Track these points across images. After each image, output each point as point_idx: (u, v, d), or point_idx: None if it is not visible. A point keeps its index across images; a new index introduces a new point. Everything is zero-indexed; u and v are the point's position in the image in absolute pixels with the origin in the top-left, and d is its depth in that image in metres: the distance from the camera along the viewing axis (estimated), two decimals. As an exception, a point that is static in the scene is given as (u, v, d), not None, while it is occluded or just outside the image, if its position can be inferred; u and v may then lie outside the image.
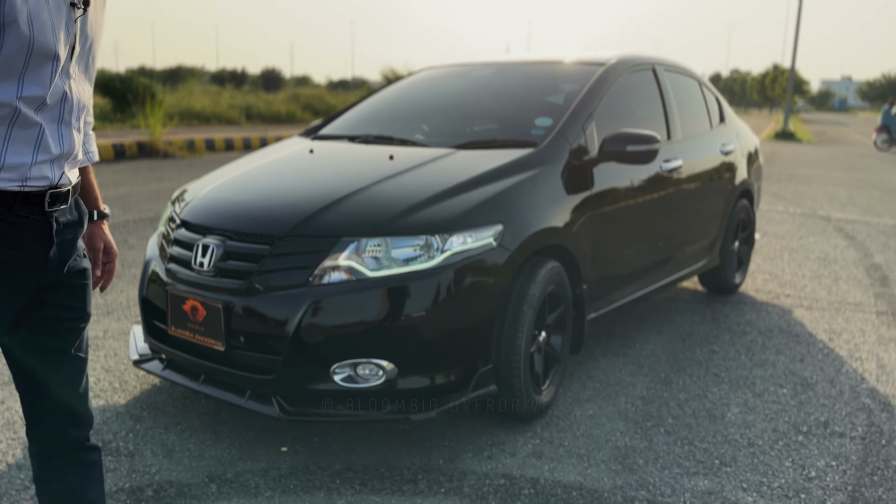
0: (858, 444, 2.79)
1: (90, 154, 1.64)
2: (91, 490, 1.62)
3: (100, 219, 1.71)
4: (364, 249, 2.46)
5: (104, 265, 1.76)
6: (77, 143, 1.43)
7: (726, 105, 4.92)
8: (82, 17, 1.38)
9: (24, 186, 1.33)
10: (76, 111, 1.40)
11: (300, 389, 2.44)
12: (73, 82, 1.38)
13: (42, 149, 1.34)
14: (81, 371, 1.58)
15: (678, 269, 4.05)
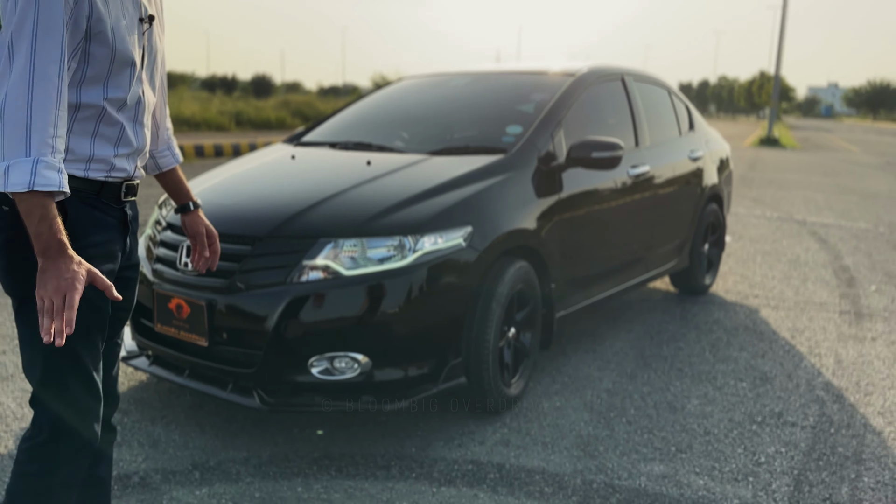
0: (808, 432, 2.96)
1: (176, 156, 1.91)
2: (102, 467, 1.81)
3: (195, 208, 1.94)
4: (341, 250, 2.61)
5: (210, 247, 1.97)
6: (148, 140, 1.68)
7: (696, 113, 5.11)
8: (148, 31, 1.62)
9: (109, 177, 1.58)
10: (147, 112, 1.65)
11: (279, 382, 2.58)
12: (144, 87, 1.62)
13: (123, 144, 1.58)
14: (117, 356, 1.79)
15: (647, 269, 4.22)
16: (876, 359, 3.83)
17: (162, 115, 1.83)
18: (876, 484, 2.56)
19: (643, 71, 4.57)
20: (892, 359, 3.84)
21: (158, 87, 1.72)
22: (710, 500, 2.42)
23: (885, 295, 5.13)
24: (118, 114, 1.55)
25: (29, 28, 1.36)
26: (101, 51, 1.47)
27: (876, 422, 3.07)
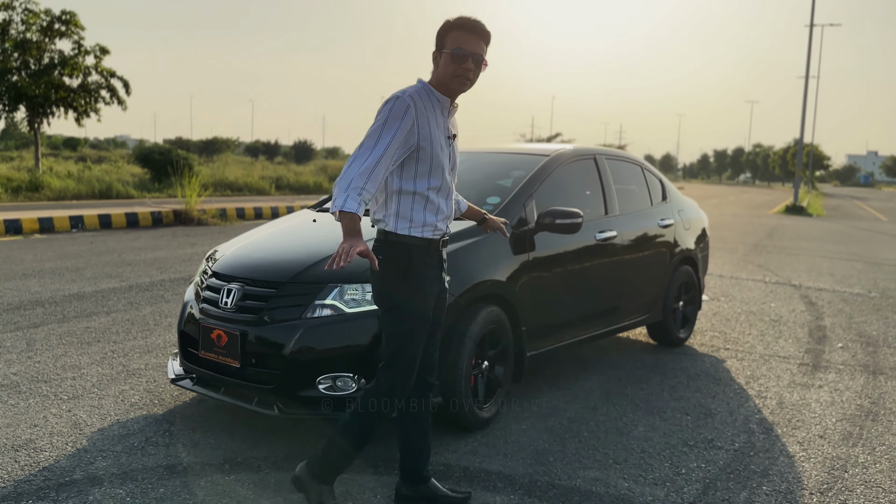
0: (730, 454, 3.55)
1: (461, 204, 3.13)
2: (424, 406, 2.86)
3: (485, 220, 3.20)
4: (345, 293, 3.35)
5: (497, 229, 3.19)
6: (453, 209, 2.76)
7: (670, 186, 5.81)
8: (454, 144, 2.71)
9: (434, 234, 2.66)
10: (452, 192, 2.73)
11: (294, 396, 3.30)
12: (452, 177, 2.71)
13: (440, 213, 2.67)
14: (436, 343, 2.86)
15: (617, 320, 4.88)
16: (815, 402, 4.39)
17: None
18: (771, 491, 3.15)
19: (617, 151, 5.33)
20: (829, 402, 4.40)
21: (454, 174, 2.75)
22: (629, 498, 3.03)
23: (847, 351, 5.67)
24: (436, 195, 2.64)
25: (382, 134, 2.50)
26: (425, 159, 2.58)
27: (793, 448, 3.65)
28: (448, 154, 2.67)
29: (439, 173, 2.61)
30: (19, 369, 4.41)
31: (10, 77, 19.78)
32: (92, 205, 14.85)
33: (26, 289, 6.80)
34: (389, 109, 2.52)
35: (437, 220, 2.65)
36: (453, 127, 2.72)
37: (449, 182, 2.68)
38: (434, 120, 2.59)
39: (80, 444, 3.36)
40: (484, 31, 2.60)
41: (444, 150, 2.62)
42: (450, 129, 2.68)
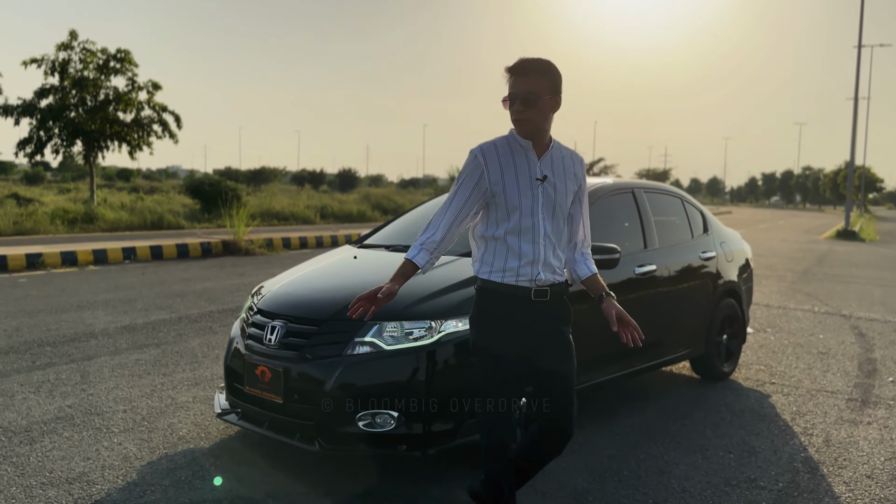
0: (774, 494, 3.49)
1: (590, 267, 2.84)
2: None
3: (607, 297, 2.77)
4: (384, 330, 3.43)
5: (626, 326, 2.73)
6: (543, 254, 2.61)
7: (712, 218, 5.78)
8: (542, 186, 2.61)
9: (517, 281, 2.60)
10: (540, 235, 2.60)
11: (334, 432, 3.37)
12: (538, 219, 2.60)
13: (522, 257, 2.59)
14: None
15: (659, 355, 4.84)
16: (863, 440, 4.29)
17: (572, 236, 2.79)
18: (816, 534, 3.08)
19: (656, 184, 5.33)
20: (878, 440, 4.28)
21: (557, 218, 2.64)
22: (669, 539, 3.01)
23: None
24: (516, 239, 2.59)
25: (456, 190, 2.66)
26: (500, 204, 2.60)
27: (838, 489, 3.56)
28: (533, 195, 2.59)
29: (516, 216, 2.59)
30: (74, 402, 4.58)
31: (69, 113, 20.64)
32: (144, 236, 15.33)
33: (81, 321, 7.06)
34: (464, 165, 2.68)
35: (520, 264, 2.58)
36: (547, 168, 2.62)
37: (532, 224, 2.59)
38: (511, 165, 2.61)
39: (130, 478, 3.48)
40: (530, 68, 2.55)
41: (524, 192, 2.59)
42: (539, 170, 2.61)
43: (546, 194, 2.61)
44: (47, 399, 4.62)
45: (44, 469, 3.55)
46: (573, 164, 2.70)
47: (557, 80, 2.60)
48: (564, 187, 2.65)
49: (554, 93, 2.59)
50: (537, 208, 2.60)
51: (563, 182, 2.65)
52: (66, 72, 20.66)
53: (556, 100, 2.61)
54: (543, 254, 2.60)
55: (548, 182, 2.62)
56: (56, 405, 4.51)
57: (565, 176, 2.66)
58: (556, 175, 2.64)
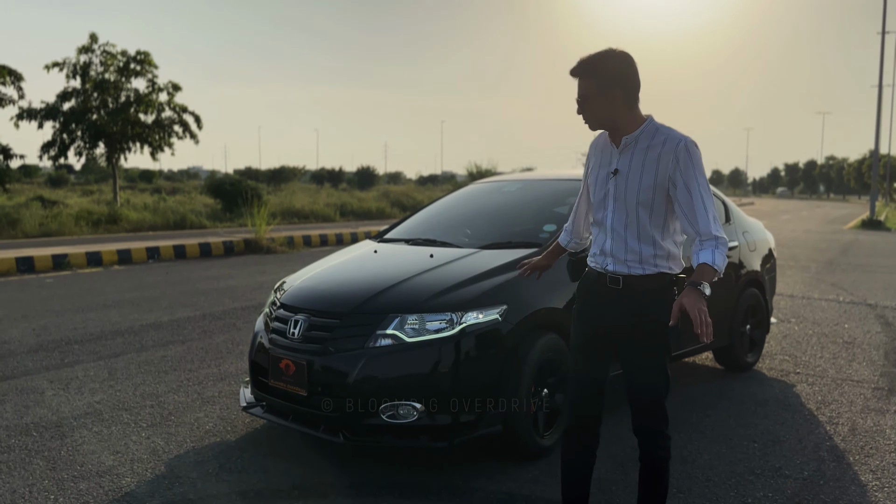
0: (799, 483, 3.47)
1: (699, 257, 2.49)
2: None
3: (687, 286, 2.44)
4: (405, 322, 3.45)
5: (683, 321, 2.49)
6: (618, 247, 2.63)
7: (734, 207, 5.73)
8: (614, 179, 2.62)
9: (594, 265, 2.72)
10: (611, 229, 2.64)
11: (358, 423, 3.40)
12: (607, 213, 2.65)
13: (596, 245, 2.72)
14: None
15: (681, 346, 4.82)
16: (889, 428, 4.24)
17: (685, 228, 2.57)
18: (843, 522, 3.06)
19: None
20: (906, 428, 4.23)
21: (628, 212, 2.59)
22: (693, 527, 3.00)
23: (927, 374, 5.43)
24: (597, 230, 2.73)
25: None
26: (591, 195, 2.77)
27: (865, 477, 3.53)
28: (605, 189, 2.64)
29: (598, 207, 2.71)
30: (102, 398, 4.66)
31: (91, 116, 20.92)
32: (167, 235, 15.51)
33: (107, 319, 7.17)
34: None
35: (597, 252, 2.70)
36: (625, 161, 2.59)
37: (602, 217, 2.67)
38: (599, 159, 2.70)
39: (158, 471, 3.54)
40: (577, 70, 2.57)
41: (601, 185, 2.66)
42: (615, 163, 2.62)
43: (617, 188, 2.59)
44: (76, 395, 4.71)
45: (75, 463, 3.62)
46: (660, 154, 2.53)
47: (609, 73, 2.52)
48: (638, 180, 2.55)
49: (606, 89, 2.52)
50: (608, 202, 2.63)
51: (639, 175, 2.55)
52: (87, 75, 20.94)
53: (614, 93, 2.53)
54: (611, 246, 2.63)
55: (619, 175, 2.59)
56: (85, 401, 4.59)
57: (643, 168, 2.54)
58: (632, 168, 2.56)
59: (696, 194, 2.50)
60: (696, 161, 2.52)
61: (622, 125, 2.57)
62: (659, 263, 2.60)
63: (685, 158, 2.50)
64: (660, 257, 2.59)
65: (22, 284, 9.59)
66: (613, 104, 2.53)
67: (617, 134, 2.60)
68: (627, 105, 2.55)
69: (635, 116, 2.58)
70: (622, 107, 2.54)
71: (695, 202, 2.50)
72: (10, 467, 3.56)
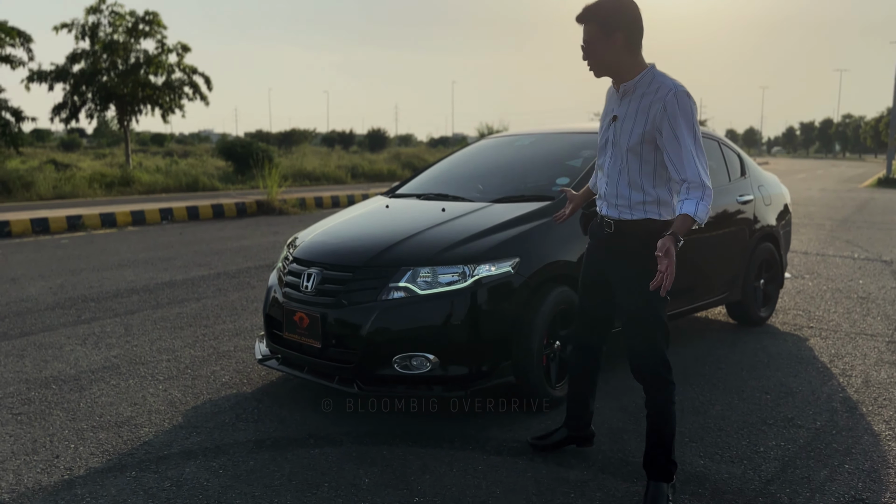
0: (811, 432, 3.48)
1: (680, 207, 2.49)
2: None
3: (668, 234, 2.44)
4: (417, 275, 3.45)
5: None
6: (611, 192, 2.74)
7: (749, 161, 5.66)
8: (613, 126, 2.72)
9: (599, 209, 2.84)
10: (607, 173, 2.75)
11: (371, 374, 3.43)
12: (606, 157, 2.76)
13: (598, 189, 2.84)
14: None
15: (694, 300, 4.81)
16: (904, 380, 4.23)
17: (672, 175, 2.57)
18: (854, 470, 3.08)
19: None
20: (920, 380, 4.22)
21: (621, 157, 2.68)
22: (704, 475, 3.02)
23: (942, 328, 5.40)
24: (600, 173, 2.82)
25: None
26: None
27: (878, 427, 3.54)
28: (607, 136, 2.75)
29: (599, 153, 2.84)
30: (119, 353, 4.73)
31: (101, 78, 20.84)
32: (180, 197, 15.55)
33: (122, 278, 7.24)
34: None
35: (598, 195, 2.85)
36: (623, 107, 2.66)
37: (602, 162, 2.79)
38: (607, 106, 2.81)
39: (175, 421, 3.60)
40: (581, 16, 2.62)
41: (603, 131, 2.78)
42: (614, 110, 2.72)
43: (616, 134, 2.70)
44: (93, 350, 4.78)
45: (93, 414, 3.69)
46: (651, 102, 2.57)
47: (611, 16, 2.55)
48: (631, 127, 2.62)
49: (608, 32, 2.55)
50: (608, 147, 2.75)
51: (632, 122, 2.62)
52: (96, 36, 20.80)
53: (616, 36, 2.56)
54: (605, 190, 2.77)
55: (617, 122, 2.68)
56: (102, 356, 4.66)
57: (636, 115, 2.61)
58: (627, 115, 2.65)
59: (684, 142, 2.52)
60: (685, 110, 2.54)
61: (623, 71, 2.62)
62: (647, 209, 2.67)
63: (673, 106, 2.53)
64: (648, 203, 2.67)
65: (38, 245, 9.68)
66: (615, 48, 2.58)
67: (618, 80, 2.66)
68: (629, 50, 2.59)
69: (637, 62, 2.62)
70: (623, 51, 2.58)
71: (682, 150, 2.52)
72: (31, 418, 3.63)
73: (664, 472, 2.75)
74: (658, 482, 2.75)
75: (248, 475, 3.01)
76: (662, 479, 2.75)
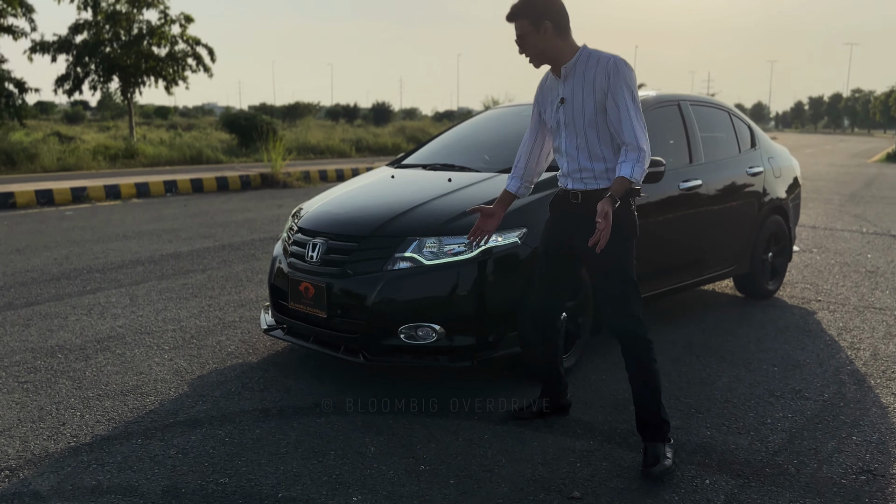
0: (819, 404, 3.46)
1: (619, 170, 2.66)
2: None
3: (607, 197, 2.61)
4: (423, 245, 3.42)
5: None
6: (568, 168, 2.86)
7: (760, 132, 5.58)
8: (562, 107, 2.83)
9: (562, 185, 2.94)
10: (565, 153, 2.86)
11: (377, 344, 3.41)
12: (562, 139, 2.86)
13: (561, 169, 2.93)
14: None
15: (703, 272, 4.77)
16: (912, 353, 4.20)
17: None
18: (862, 441, 3.06)
19: (703, 96, 5.15)
20: (929, 353, 4.20)
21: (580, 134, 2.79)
22: (711, 446, 3.01)
23: (951, 302, 5.36)
24: (558, 156, 2.92)
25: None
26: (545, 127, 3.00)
27: (886, 400, 3.52)
28: (558, 118, 2.86)
29: (553, 137, 2.94)
30: (124, 322, 4.72)
31: (104, 49, 20.68)
32: (184, 170, 15.51)
33: (127, 249, 7.23)
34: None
35: (560, 173, 2.95)
36: (568, 89, 2.80)
37: (560, 144, 2.89)
38: (546, 96, 2.94)
39: (181, 390, 3.60)
40: (510, 14, 2.79)
41: (553, 116, 2.88)
42: (559, 94, 2.84)
43: (566, 115, 2.82)
44: (99, 320, 4.78)
45: (99, 383, 3.69)
46: (595, 74, 2.73)
47: (536, 9, 2.72)
48: (582, 103, 2.76)
49: (536, 24, 2.73)
50: (561, 129, 2.86)
51: (581, 98, 2.76)
52: (98, 6, 20.59)
53: (545, 26, 2.73)
54: (568, 167, 2.88)
55: (566, 103, 2.81)
56: (107, 325, 4.66)
57: (583, 90, 2.75)
58: (574, 94, 2.78)
59: (623, 107, 2.69)
60: (625, 76, 2.70)
61: (559, 55, 2.79)
62: (612, 176, 2.77)
63: (615, 74, 2.70)
64: (612, 171, 2.79)
65: (42, 216, 9.67)
66: (546, 36, 2.75)
67: (557, 65, 2.82)
68: (559, 36, 2.77)
69: (569, 45, 2.80)
70: (554, 37, 2.76)
71: (621, 114, 2.69)
72: (37, 387, 3.64)
73: (658, 433, 2.81)
74: (654, 443, 2.80)
75: (253, 443, 3.01)
76: (657, 440, 2.80)
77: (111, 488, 2.65)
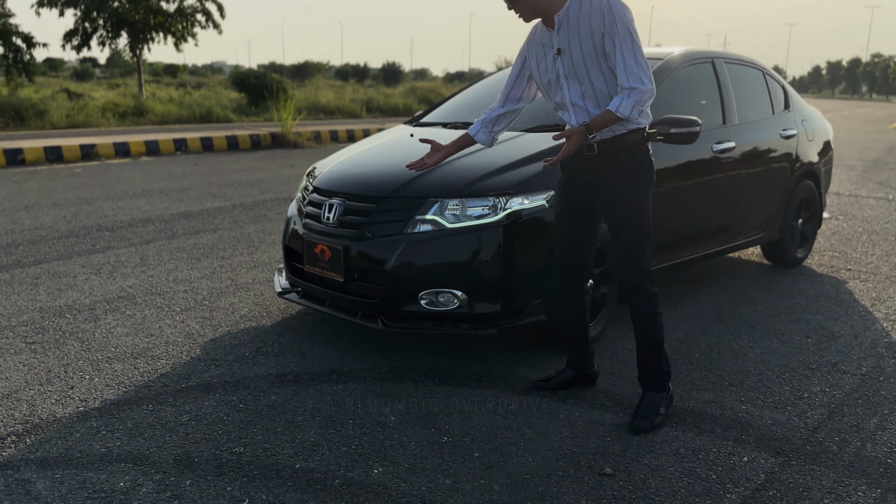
0: (857, 378, 3.31)
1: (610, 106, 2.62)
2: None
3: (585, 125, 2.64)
4: (445, 208, 3.25)
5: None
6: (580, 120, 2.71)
7: (793, 93, 5.34)
8: (560, 58, 2.70)
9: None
10: (571, 104, 2.73)
11: (396, 310, 3.27)
12: (563, 91, 2.73)
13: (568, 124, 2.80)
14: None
15: (732, 239, 4.59)
16: (951, 326, 4.03)
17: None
18: (906, 419, 2.91)
19: (736, 54, 4.90)
20: (968, 326, 4.02)
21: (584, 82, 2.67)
22: (748, 421, 2.87)
23: None
24: (562, 111, 2.80)
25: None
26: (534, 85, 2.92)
27: (928, 374, 3.36)
28: (556, 71, 2.73)
29: (552, 94, 2.80)
30: (134, 282, 4.60)
31: (112, 3, 20.31)
32: (193, 128, 15.29)
33: (137, 207, 7.09)
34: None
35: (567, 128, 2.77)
36: (563, 39, 2.68)
37: (562, 98, 2.76)
38: (538, 50, 2.80)
39: (193, 354, 3.48)
40: None
41: (550, 70, 2.75)
42: (556, 43, 2.71)
43: (566, 65, 2.70)
44: (108, 280, 4.65)
45: (109, 345, 3.58)
46: (589, 16, 2.62)
47: None
48: (580, 49, 2.65)
49: None
50: (562, 81, 2.73)
51: (579, 43, 2.65)
52: (105, -41, 20.16)
53: None
54: (576, 119, 2.73)
55: (563, 53, 2.69)
56: (117, 285, 4.54)
57: (580, 36, 2.65)
58: (571, 42, 2.67)
59: (619, 46, 2.59)
60: (620, 15, 2.59)
61: (550, 6, 2.68)
62: (627, 123, 2.68)
63: (609, 13, 2.59)
64: None
65: (51, 173, 9.53)
66: None
67: (549, 17, 2.70)
68: None
69: None
70: None
71: (617, 53, 2.59)
72: (45, 347, 3.53)
73: (657, 383, 2.83)
74: (651, 393, 2.83)
75: (269, 410, 2.89)
76: (655, 390, 2.83)
77: (121, 456, 2.54)
